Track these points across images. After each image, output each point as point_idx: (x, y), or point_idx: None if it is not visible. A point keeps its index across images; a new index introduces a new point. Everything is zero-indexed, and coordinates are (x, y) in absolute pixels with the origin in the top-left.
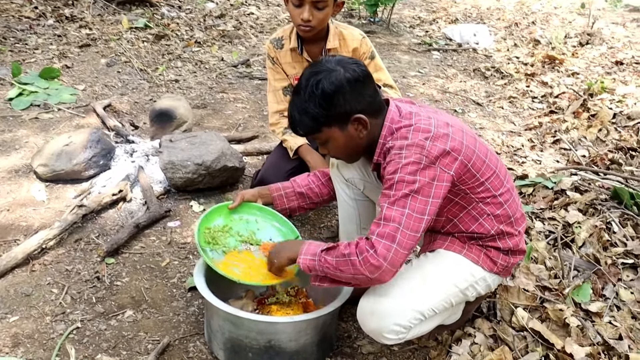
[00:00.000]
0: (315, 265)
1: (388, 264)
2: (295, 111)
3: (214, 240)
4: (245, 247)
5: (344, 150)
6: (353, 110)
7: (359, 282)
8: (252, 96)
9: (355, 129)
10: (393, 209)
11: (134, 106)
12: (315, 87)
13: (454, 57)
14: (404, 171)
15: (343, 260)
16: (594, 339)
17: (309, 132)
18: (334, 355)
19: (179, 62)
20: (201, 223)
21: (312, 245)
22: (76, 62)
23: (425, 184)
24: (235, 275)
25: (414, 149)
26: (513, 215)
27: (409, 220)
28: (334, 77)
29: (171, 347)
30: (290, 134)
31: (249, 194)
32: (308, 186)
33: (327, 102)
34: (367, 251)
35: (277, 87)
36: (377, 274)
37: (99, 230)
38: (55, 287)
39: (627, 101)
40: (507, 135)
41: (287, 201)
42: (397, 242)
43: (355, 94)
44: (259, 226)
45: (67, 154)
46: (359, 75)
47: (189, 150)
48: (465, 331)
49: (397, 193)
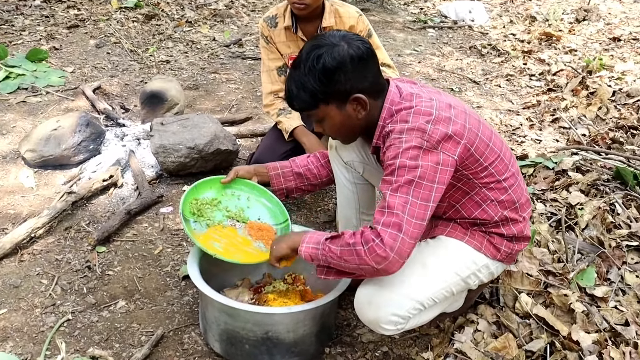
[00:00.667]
0: (318, 255)
1: (395, 254)
2: (293, 85)
3: (199, 212)
4: (230, 223)
5: (340, 130)
6: (353, 89)
7: (364, 273)
8: (245, 77)
9: (353, 109)
10: (396, 196)
11: (124, 88)
12: (316, 61)
13: (449, 35)
14: (405, 156)
15: (348, 249)
16: (600, 325)
17: (305, 107)
18: (333, 345)
19: (169, 42)
20: (189, 193)
21: (315, 235)
22: (64, 44)
23: (428, 169)
24: (214, 250)
25: (415, 133)
26: (518, 201)
27: (413, 208)
28: (336, 52)
29: (165, 338)
30: (285, 115)
31: (243, 170)
32: (307, 167)
33: (327, 78)
34: (372, 240)
35: (271, 67)
36: (383, 265)
37: (90, 218)
38: (45, 278)
39: (626, 78)
40: (505, 114)
41: (284, 181)
42: (404, 231)
43: (357, 72)
44: (250, 204)
45: (55, 139)
46: (363, 53)
47: (181, 134)
48: (468, 318)
49: (400, 179)
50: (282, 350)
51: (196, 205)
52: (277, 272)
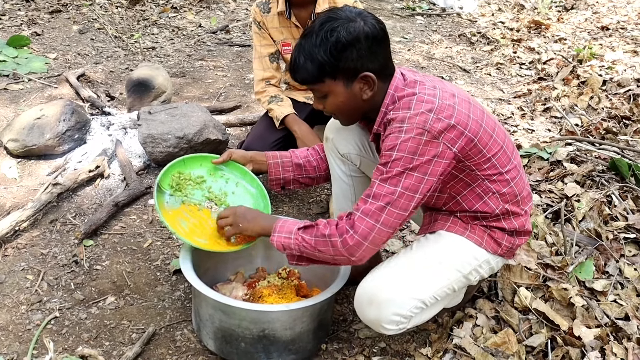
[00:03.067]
0: (290, 244)
1: (369, 243)
2: (301, 55)
3: (178, 187)
4: (208, 205)
5: (342, 108)
6: (364, 67)
7: (338, 263)
8: (232, 64)
9: (360, 88)
10: (385, 186)
11: (109, 75)
12: (330, 34)
13: (438, 22)
14: (403, 148)
15: (323, 240)
16: (600, 320)
17: (310, 80)
18: (330, 341)
19: (155, 28)
20: (174, 165)
21: (288, 223)
22: (47, 29)
23: (424, 161)
24: (178, 230)
25: (416, 123)
26: (520, 194)
27: (399, 198)
28: (352, 27)
29: (157, 335)
30: (277, 102)
31: (238, 154)
32: (306, 158)
33: (339, 52)
34: (346, 232)
35: (263, 53)
36: (357, 255)
37: (76, 210)
38: (30, 273)
39: (616, 68)
40: (496, 103)
41: (283, 170)
42: (382, 221)
43: (371, 51)
44: (236, 190)
45: (39, 128)
46: (378, 33)
47: (169, 123)
48: (467, 312)
49: (392, 170)
50: (279, 348)
51: (177, 179)
52: (271, 266)
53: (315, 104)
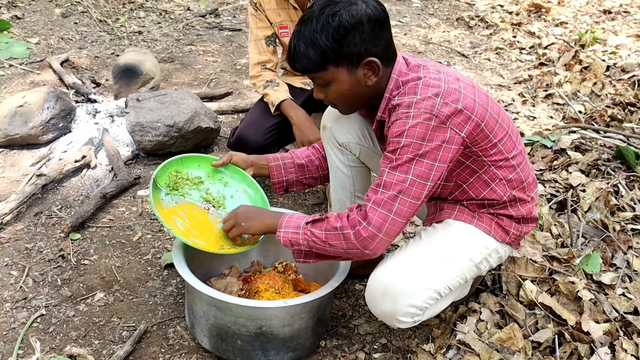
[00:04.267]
0: (299, 239)
1: (384, 235)
2: (301, 41)
3: (174, 185)
4: (204, 206)
5: (346, 96)
6: (367, 52)
7: (350, 256)
8: (222, 49)
9: (364, 74)
10: (395, 174)
11: (94, 61)
12: (331, 18)
13: (435, 6)
14: (411, 134)
15: (334, 234)
16: (609, 314)
17: (311, 68)
18: (329, 338)
19: (141, 12)
20: (172, 162)
21: (294, 218)
22: (27, 13)
23: (433, 147)
24: (173, 226)
25: (423, 108)
26: (526, 180)
27: (411, 186)
28: (354, 10)
29: (149, 333)
30: (272, 87)
31: (239, 158)
32: (308, 158)
33: (342, 36)
34: (359, 223)
35: (259, 36)
36: (371, 247)
37: (62, 202)
38: (15, 269)
39: (620, 52)
40: (496, 89)
41: (285, 173)
42: (395, 211)
43: (374, 34)
44: (235, 195)
45: (21, 116)
46: (380, 15)
47: (158, 111)
48: (470, 307)
49: (401, 157)
50: (277, 345)
51: (175, 178)
52: (267, 260)
53: (316, 93)
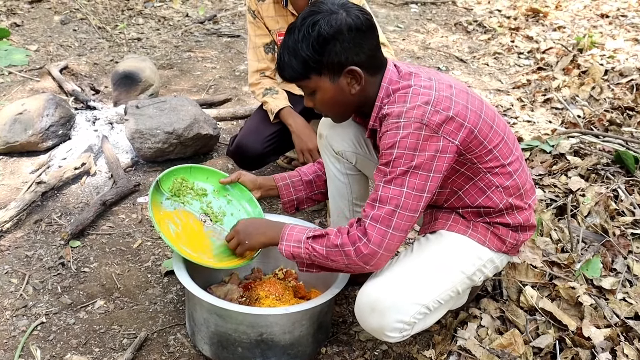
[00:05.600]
0: (300, 253)
1: (384, 251)
2: (285, 52)
3: (177, 192)
4: (202, 218)
5: (332, 105)
6: (348, 61)
7: (352, 271)
8: (221, 55)
9: (347, 83)
10: (390, 188)
11: (93, 68)
12: (311, 28)
13: (433, 11)
14: (403, 145)
15: (335, 250)
16: (610, 319)
17: (295, 77)
18: (330, 344)
19: (140, 18)
20: (179, 170)
21: (295, 231)
22: (27, 20)
23: (426, 158)
24: (164, 230)
25: (414, 117)
26: (523, 187)
27: (407, 200)
28: (334, 20)
29: (149, 341)
30: (272, 95)
31: (247, 179)
32: (316, 174)
33: (321, 46)
34: (359, 240)
35: (257, 43)
36: (372, 263)
37: (61, 210)
38: (15, 277)
39: (617, 56)
40: (495, 93)
41: (295, 191)
42: (394, 225)
43: (354, 43)
44: (236, 214)
45: (21, 123)
46: (362, 24)
47: (157, 117)
48: (470, 313)
49: (395, 170)
50: (278, 352)
51: (179, 185)
52: (267, 267)
53: (306, 102)
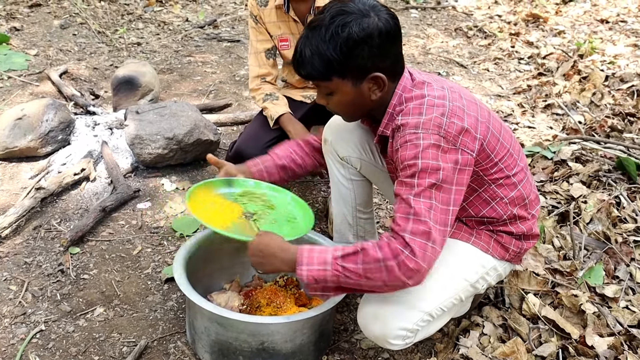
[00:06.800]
0: (327, 276)
1: (426, 265)
2: (308, 48)
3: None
4: (247, 215)
5: (348, 107)
6: (374, 66)
7: (388, 289)
8: (221, 60)
9: (369, 88)
10: (420, 201)
11: (93, 73)
12: (341, 29)
13: (433, 16)
14: (426, 156)
15: (376, 266)
16: (613, 328)
17: (316, 76)
18: (331, 352)
19: (140, 23)
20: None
21: (315, 252)
22: (26, 24)
23: (448, 170)
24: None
25: (432, 129)
26: (527, 197)
27: (436, 213)
28: (366, 23)
29: (149, 349)
30: (272, 101)
31: (230, 168)
32: (290, 157)
33: (350, 49)
34: (402, 253)
35: (259, 49)
36: (415, 277)
37: (61, 216)
38: (14, 284)
39: (618, 62)
40: (495, 99)
41: (268, 175)
42: (433, 239)
43: (383, 49)
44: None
45: (20, 129)
46: (391, 29)
47: (158, 123)
48: (473, 320)
49: (422, 182)
50: None
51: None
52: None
53: (319, 99)
